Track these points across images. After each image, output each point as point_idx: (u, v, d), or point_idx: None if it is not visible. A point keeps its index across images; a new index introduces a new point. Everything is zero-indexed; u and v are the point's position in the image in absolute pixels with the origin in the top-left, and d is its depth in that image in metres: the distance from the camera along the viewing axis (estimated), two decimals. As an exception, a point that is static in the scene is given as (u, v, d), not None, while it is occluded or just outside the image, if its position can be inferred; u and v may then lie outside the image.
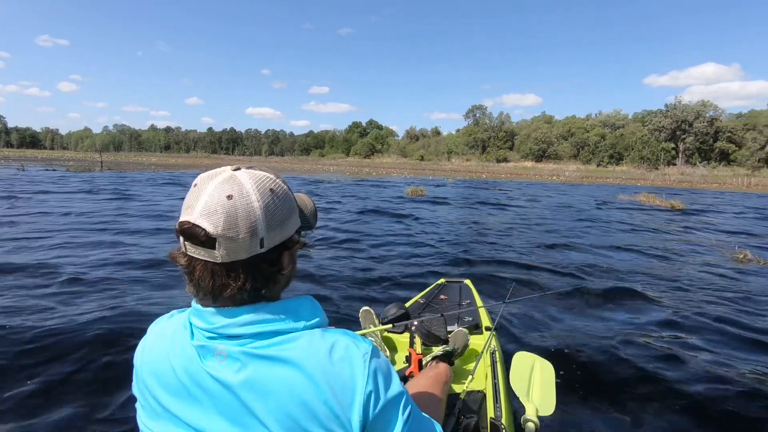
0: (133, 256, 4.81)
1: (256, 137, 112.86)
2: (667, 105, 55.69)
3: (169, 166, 33.41)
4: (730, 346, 3.01)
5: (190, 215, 0.63)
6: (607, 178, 36.58)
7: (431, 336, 1.87)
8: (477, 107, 72.12)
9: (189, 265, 0.66)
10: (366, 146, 78.91)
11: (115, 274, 4.07)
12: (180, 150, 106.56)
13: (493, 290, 4.08)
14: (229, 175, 0.66)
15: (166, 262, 4.04)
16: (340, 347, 0.65)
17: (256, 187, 0.65)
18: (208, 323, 0.67)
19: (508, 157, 62.38)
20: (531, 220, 9.74)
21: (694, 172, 43.26)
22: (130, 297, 3.46)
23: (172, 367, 0.68)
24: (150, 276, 4.08)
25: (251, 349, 0.64)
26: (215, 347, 0.65)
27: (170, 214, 8.23)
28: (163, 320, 0.76)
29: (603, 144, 56.30)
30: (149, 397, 0.71)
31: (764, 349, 2.99)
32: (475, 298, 2.60)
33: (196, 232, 0.62)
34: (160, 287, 3.79)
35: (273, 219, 0.66)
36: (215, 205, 0.62)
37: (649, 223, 9.92)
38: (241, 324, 0.65)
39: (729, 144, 51.51)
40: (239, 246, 0.63)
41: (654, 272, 5.08)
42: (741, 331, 3.24)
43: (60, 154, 63.26)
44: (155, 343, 0.73)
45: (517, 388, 1.49)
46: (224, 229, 0.62)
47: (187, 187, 0.67)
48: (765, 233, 9.03)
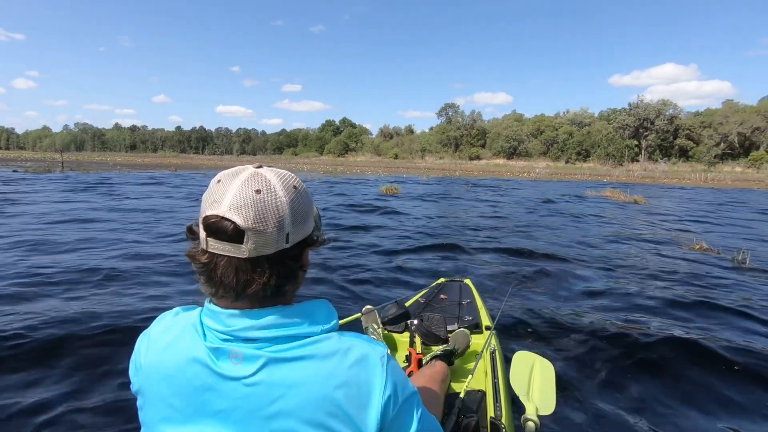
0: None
1: (227, 136, 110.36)
2: (630, 104, 57.94)
3: (136, 166, 32.26)
4: (723, 333, 3.12)
5: (217, 209, 0.63)
6: (576, 175, 37.66)
7: (431, 335, 1.88)
8: (449, 105, 72.94)
9: (210, 262, 0.65)
10: (340, 145, 78.49)
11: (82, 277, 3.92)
12: (147, 149, 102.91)
13: (491, 289, 4.07)
14: (253, 172, 0.67)
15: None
16: (357, 351, 0.66)
17: (282, 184, 0.66)
18: (223, 325, 0.66)
19: (481, 154, 63.33)
20: (511, 216, 9.95)
21: (656, 168, 45.14)
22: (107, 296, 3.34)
23: (181, 368, 0.66)
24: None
25: (268, 352, 0.63)
26: (231, 350, 0.64)
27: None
28: (168, 317, 0.74)
29: (571, 141, 57.95)
30: (155, 399, 0.69)
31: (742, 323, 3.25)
32: (475, 298, 2.58)
33: (224, 225, 0.62)
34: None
35: (297, 215, 0.67)
36: (244, 199, 0.63)
37: (617, 217, 10.30)
38: (258, 327, 0.65)
39: (688, 141, 54.03)
40: (267, 240, 0.64)
41: (628, 264, 5.28)
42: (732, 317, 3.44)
43: (17, 154, 59.98)
44: (161, 342, 0.70)
45: (517, 387, 1.49)
46: (254, 222, 0.62)
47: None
48: (720, 225, 9.55)
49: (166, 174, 23.30)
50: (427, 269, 4.80)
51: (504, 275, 4.60)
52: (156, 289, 3.73)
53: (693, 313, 3.55)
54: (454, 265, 5.08)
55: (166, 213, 8.64)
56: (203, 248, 0.65)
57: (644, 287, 4.23)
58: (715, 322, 3.37)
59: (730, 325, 3.34)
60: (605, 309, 3.59)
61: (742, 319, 3.45)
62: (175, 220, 7.66)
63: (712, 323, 3.35)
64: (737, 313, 3.56)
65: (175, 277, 4.10)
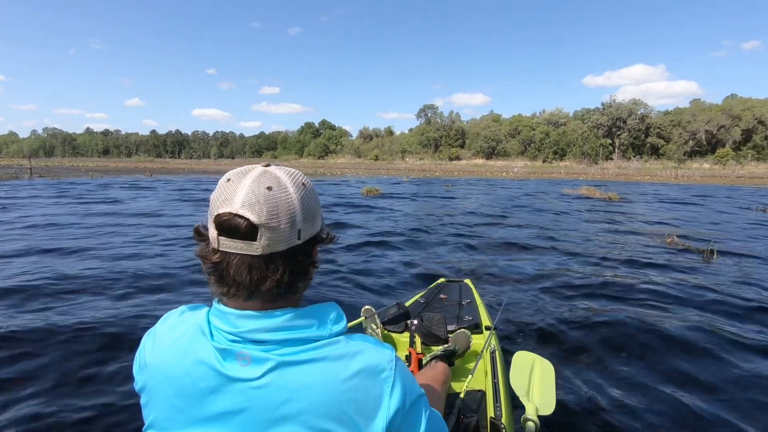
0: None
1: (204, 139, 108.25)
2: (603, 103, 59.56)
3: (110, 171, 31.39)
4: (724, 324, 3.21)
5: (229, 207, 0.63)
6: (553, 173, 38.44)
7: (431, 335, 1.88)
8: (428, 107, 73.42)
9: (222, 261, 0.64)
10: (320, 147, 78.05)
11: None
12: (120, 154, 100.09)
13: (491, 289, 4.08)
14: (263, 170, 0.67)
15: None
16: (365, 356, 0.65)
17: (291, 181, 0.67)
18: (232, 326, 0.65)
19: (460, 155, 63.94)
20: (497, 216, 10.08)
21: (629, 166, 46.50)
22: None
23: (186, 369, 0.65)
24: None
25: (276, 355, 0.63)
26: (238, 351, 0.64)
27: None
28: (173, 316, 0.73)
29: (547, 141, 59.09)
30: (159, 398, 0.68)
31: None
32: (475, 298, 2.58)
33: (237, 222, 0.62)
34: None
35: (308, 211, 0.67)
36: (257, 196, 0.63)
37: (594, 214, 10.57)
38: (268, 329, 0.64)
39: (658, 139, 55.81)
40: (280, 236, 0.64)
41: (614, 259, 5.43)
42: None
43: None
44: (166, 341, 0.70)
45: (517, 387, 1.49)
46: (267, 218, 0.62)
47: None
48: (690, 219, 9.90)
49: (143, 179, 22.73)
50: (416, 269, 4.83)
51: (503, 275, 4.62)
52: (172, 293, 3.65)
53: (691, 310, 3.58)
54: (447, 264, 5.11)
55: (154, 217, 8.45)
56: (214, 247, 0.65)
57: (633, 283, 4.33)
58: (711, 315, 3.48)
59: (726, 314, 3.48)
60: (604, 309, 3.60)
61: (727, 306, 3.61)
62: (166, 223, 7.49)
63: (714, 318, 3.42)
64: (720, 303, 3.73)
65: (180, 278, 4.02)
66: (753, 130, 50.34)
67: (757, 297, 3.92)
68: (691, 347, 2.86)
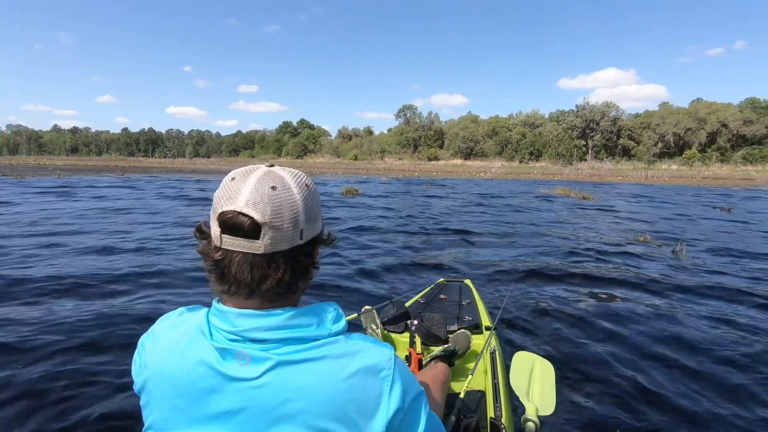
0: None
1: (179, 138, 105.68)
2: (577, 106, 61.05)
3: (79, 170, 30.27)
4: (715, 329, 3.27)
5: (233, 205, 0.63)
6: (529, 174, 39.17)
7: (431, 336, 1.87)
8: (407, 107, 73.68)
9: (224, 258, 0.65)
10: (298, 146, 77.28)
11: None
12: (90, 153, 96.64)
13: (490, 289, 4.08)
14: (267, 170, 0.68)
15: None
16: (364, 355, 0.65)
17: (295, 181, 0.68)
18: (232, 325, 0.65)
19: (439, 155, 64.43)
20: (480, 216, 10.18)
21: (602, 167, 47.82)
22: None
23: (186, 369, 0.66)
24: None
25: (275, 354, 0.63)
26: (237, 350, 0.64)
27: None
28: (172, 317, 0.73)
29: (524, 142, 60.17)
30: (159, 399, 0.68)
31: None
32: (475, 298, 2.57)
33: (240, 221, 0.62)
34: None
35: (310, 212, 0.68)
36: (261, 195, 0.63)
37: (570, 214, 10.83)
38: (267, 328, 0.65)
39: (629, 141, 57.60)
40: (283, 236, 0.64)
41: (594, 259, 5.57)
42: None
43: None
44: (166, 342, 0.70)
45: (517, 387, 1.48)
46: (271, 217, 0.63)
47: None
48: (660, 218, 10.25)
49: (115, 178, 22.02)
50: (402, 270, 4.83)
51: (503, 275, 4.64)
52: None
53: (692, 309, 3.63)
54: (438, 265, 5.12)
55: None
56: (216, 245, 0.65)
57: (623, 280, 4.44)
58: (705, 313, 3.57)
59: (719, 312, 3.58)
60: (603, 308, 3.63)
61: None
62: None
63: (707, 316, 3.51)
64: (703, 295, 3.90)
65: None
66: (717, 133, 52.56)
67: (729, 286, 4.20)
68: (692, 346, 2.88)
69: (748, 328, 3.21)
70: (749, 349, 2.84)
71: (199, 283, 4.03)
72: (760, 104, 56.25)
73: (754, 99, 57.77)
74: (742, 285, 4.36)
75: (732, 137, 52.25)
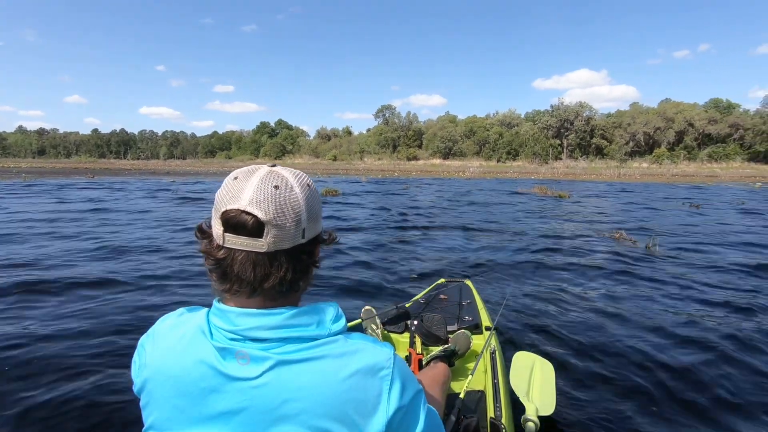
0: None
1: (153, 139, 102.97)
2: (552, 106, 62.49)
3: (45, 173, 29.12)
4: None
5: (236, 204, 0.64)
6: (506, 173, 39.77)
7: (431, 336, 1.86)
8: (386, 107, 73.78)
9: (227, 257, 0.65)
10: (276, 147, 76.38)
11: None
12: (58, 155, 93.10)
13: (490, 289, 4.06)
14: (270, 169, 0.69)
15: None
16: (364, 355, 0.66)
17: (297, 181, 0.69)
18: (232, 324, 0.66)
19: (418, 155, 64.77)
20: (465, 215, 10.24)
21: (576, 165, 48.98)
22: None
23: (186, 369, 0.66)
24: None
25: (275, 354, 0.63)
26: (238, 350, 0.64)
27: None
28: (172, 317, 0.74)
29: (501, 141, 61.08)
30: (159, 399, 0.68)
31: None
32: (475, 298, 2.57)
33: (244, 219, 0.63)
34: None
35: (312, 211, 0.69)
36: (264, 194, 0.64)
37: (547, 212, 11.03)
38: (267, 327, 0.65)
39: (602, 140, 59.18)
40: (285, 234, 0.65)
41: (567, 252, 5.66)
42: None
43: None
44: (166, 342, 0.70)
45: (517, 387, 1.49)
46: (274, 216, 0.63)
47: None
48: (633, 216, 10.54)
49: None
50: (388, 270, 4.80)
51: (502, 275, 4.64)
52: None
53: (690, 308, 3.63)
54: (428, 265, 5.11)
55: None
56: (219, 244, 0.65)
57: (608, 281, 4.50)
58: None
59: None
60: (602, 308, 3.63)
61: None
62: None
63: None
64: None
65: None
66: (684, 132, 54.55)
67: (699, 281, 4.33)
68: (691, 344, 2.90)
69: (740, 323, 3.28)
70: (747, 347, 2.86)
71: (185, 287, 3.91)
72: (723, 104, 58.76)
73: (718, 99, 60.30)
74: (720, 279, 4.53)
75: (698, 136, 54.33)
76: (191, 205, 11.57)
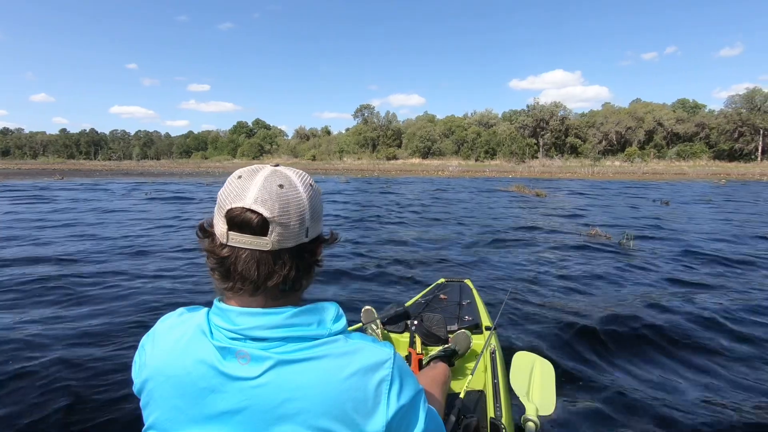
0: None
1: (125, 139, 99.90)
2: (528, 106, 63.70)
3: (10, 175, 27.96)
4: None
5: (241, 202, 0.64)
6: (485, 172, 40.35)
7: (431, 336, 1.86)
8: (365, 107, 73.71)
9: (231, 255, 0.65)
10: (254, 147, 75.27)
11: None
12: (24, 155, 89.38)
13: (490, 289, 4.06)
14: (273, 169, 0.69)
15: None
16: (364, 354, 0.66)
17: (301, 181, 0.69)
18: (232, 324, 0.66)
19: (397, 154, 64.98)
20: (448, 213, 10.32)
21: (552, 164, 50.11)
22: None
23: (186, 369, 0.66)
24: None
25: (276, 353, 0.63)
26: (238, 349, 0.64)
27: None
28: (172, 317, 0.73)
29: (479, 141, 61.88)
30: (159, 399, 0.68)
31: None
32: (475, 298, 2.56)
33: (248, 217, 0.63)
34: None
35: (315, 210, 0.69)
36: (269, 192, 0.65)
37: (526, 210, 11.29)
38: (267, 327, 0.65)
39: (576, 139, 60.71)
40: (290, 233, 0.65)
41: (545, 250, 5.79)
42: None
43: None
44: (166, 342, 0.70)
45: (517, 387, 1.48)
46: (279, 214, 0.64)
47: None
48: (607, 213, 10.88)
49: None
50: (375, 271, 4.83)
51: (502, 275, 4.67)
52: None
53: (689, 308, 3.64)
54: (418, 267, 5.14)
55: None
56: (222, 242, 0.66)
57: (598, 279, 4.58)
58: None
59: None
60: (602, 307, 3.64)
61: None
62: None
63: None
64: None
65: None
66: (654, 131, 56.51)
67: (672, 274, 4.54)
68: (691, 342, 2.96)
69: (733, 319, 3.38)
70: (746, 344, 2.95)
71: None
72: (690, 105, 61.14)
73: (685, 100, 62.74)
74: (694, 273, 4.76)
75: (667, 135, 56.36)
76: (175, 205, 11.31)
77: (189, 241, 6.43)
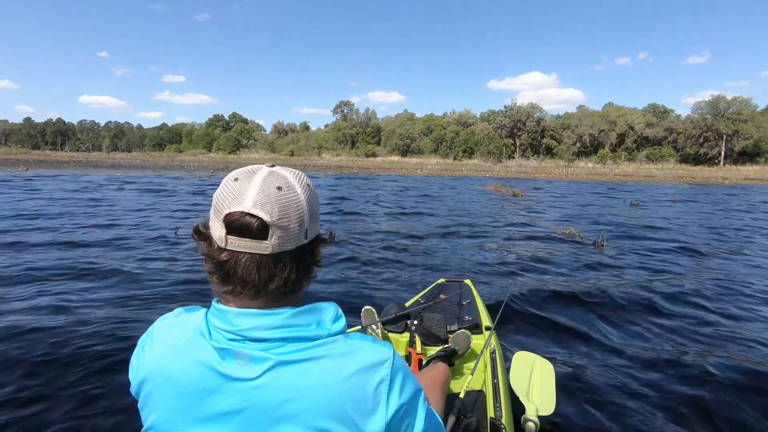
0: None
1: (94, 130, 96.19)
2: (506, 106, 64.62)
3: (-29, 165, 26.57)
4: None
5: (239, 206, 0.63)
6: (463, 170, 40.82)
7: (431, 336, 1.87)
8: (344, 103, 73.27)
9: (230, 260, 0.64)
10: (231, 141, 73.68)
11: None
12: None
13: (490, 289, 4.06)
14: (270, 170, 0.68)
15: None
16: (364, 354, 0.65)
17: (298, 182, 0.68)
18: (231, 325, 0.65)
19: (376, 152, 64.93)
20: (432, 211, 10.40)
21: (528, 164, 51.11)
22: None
23: (185, 370, 0.65)
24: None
25: (275, 354, 0.63)
26: (237, 350, 0.64)
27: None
28: (170, 318, 0.73)
29: (458, 140, 62.50)
30: (158, 400, 0.68)
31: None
32: (475, 298, 2.56)
33: (248, 222, 0.62)
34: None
35: (313, 211, 0.69)
36: (268, 195, 0.63)
37: (503, 209, 11.54)
38: (266, 328, 0.64)
39: (552, 140, 62.06)
40: (290, 235, 0.65)
41: (511, 250, 5.93)
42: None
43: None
44: (164, 343, 0.69)
45: (517, 387, 1.49)
46: (279, 217, 0.63)
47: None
48: (581, 213, 11.24)
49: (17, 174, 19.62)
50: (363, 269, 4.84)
51: (502, 275, 4.70)
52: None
53: (690, 306, 3.73)
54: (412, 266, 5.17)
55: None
56: (221, 246, 0.64)
57: (593, 278, 4.71)
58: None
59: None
60: (601, 306, 3.67)
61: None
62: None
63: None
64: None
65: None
66: (625, 134, 58.35)
67: (646, 268, 4.78)
68: (691, 340, 3.02)
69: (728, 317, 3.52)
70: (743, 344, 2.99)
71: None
72: (660, 109, 63.40)
73: (655, 104, 64.96)
74: (679, 267, 5.00)
75: (637, 138, 58.27)
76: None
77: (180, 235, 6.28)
